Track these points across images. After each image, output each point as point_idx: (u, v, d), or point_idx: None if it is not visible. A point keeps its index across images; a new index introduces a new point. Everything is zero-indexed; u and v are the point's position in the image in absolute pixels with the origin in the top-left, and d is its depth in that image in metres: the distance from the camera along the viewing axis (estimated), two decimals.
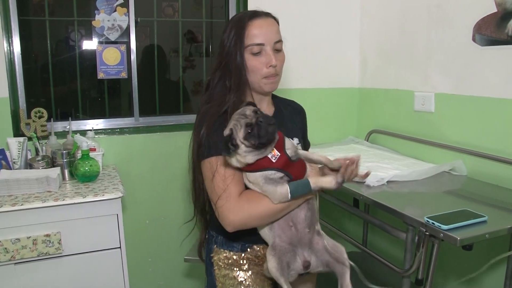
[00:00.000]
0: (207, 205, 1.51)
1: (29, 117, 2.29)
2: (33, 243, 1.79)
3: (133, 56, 2.56)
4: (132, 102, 2.62)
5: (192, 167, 1.45)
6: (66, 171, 2.12)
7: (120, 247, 1.97)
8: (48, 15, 2.51)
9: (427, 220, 1.42)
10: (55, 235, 1.82)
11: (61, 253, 1.85)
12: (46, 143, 2.23)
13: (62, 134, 2.36)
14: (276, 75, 1.43)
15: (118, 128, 2.57)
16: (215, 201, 1.30)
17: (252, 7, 2.57)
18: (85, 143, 2.10)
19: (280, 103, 1.63)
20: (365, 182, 1.87)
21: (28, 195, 1.87)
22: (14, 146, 2.10)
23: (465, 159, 2.06)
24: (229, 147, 1.17)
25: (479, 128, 2.03)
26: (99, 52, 2.50)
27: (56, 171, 2.01)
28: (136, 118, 2.63)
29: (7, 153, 2.09)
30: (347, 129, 2.96)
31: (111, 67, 2.53)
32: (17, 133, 2.29)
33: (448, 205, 1.61)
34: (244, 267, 1.48)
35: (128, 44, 2.55)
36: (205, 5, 2.83)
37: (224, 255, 1.49)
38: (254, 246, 1.48)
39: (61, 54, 2.61)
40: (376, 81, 2.76)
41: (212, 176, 1.30)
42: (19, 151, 2.11)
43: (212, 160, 1.31)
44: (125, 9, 2.50)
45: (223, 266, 1.49)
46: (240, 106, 1.29)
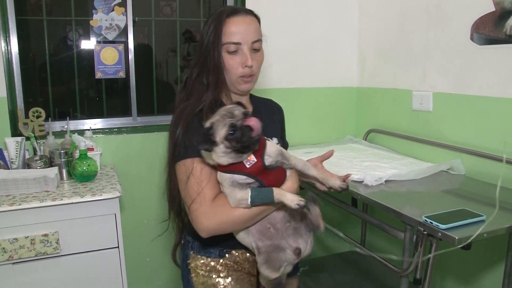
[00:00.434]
0: (183, 208, 1.46)
1: (27, 117, 2.28)
2: (31, 243, 1.79)
3: (131, 56, 2.56)
4: (130, 102, 2.61)
5: (168, 167, 1.40)
6: (64, 171, 2.11)
7: (118, 247, 1.97)
8: (46, 15, 2.50)
9: (425, 220, 1.42)
10: (53, 235, 1.82)
11: (59, 253, 1.85)
12: (44, 143, 2.23)
13: (60, 134, 2.35)
14: (252, 75, 1.39)
15: (116, 128, 2.57)
16: (189, 205, 1.26)
17: (250, 6, 2.60)
18: (83, 143, 2.10)
19: (258, 102, 1.59)
20: (363, 182, 1.87)
21: (26, 195, 1.87)
22: (12, 146, 2.10)
23: (463, 159, 2.07)
24: (206, 142, 1.13)
25: (477, 127, 2.03)
26: (97, 52, 2.49)
27: (54, 171, 2.01)
28: (134, 118, 2.63)
29: (5, 153, 2.09)
30: (345, 129, 2.96)
31: (109, 67, 2.53)
32: (15, 133, 2.29)
33: (446, 205, 1.61)
34: (223, 274, 1.42)
35: (126, 44, 2.55)
36: (203, 5, 2.83)
37: (202, 262, 1.43)
38: (233, 252, 1.43)
39: (59, 54, 2.60)
40: (374, 81, 2.77)
41: (187, 179, 1.26)
42: (17, 151, 2.11)
43: (188, 162, 1.27)
44: (123, 9, 2.50)
45: (201, 273, 1.43)
46: (220, 105, 1.25)
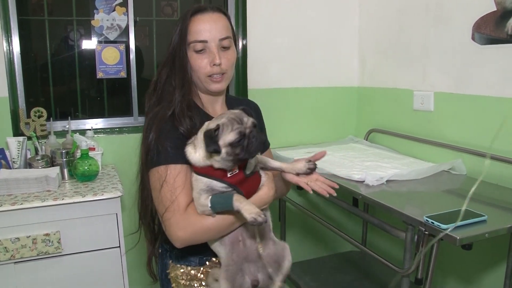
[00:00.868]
0: (157, 217, 1.40)
1: (29, 117, 2.29)
2: (33, 242, 1.79)
3: (132, 56, 2.56)
4: (131, 102, 2.62)
5: (140, 174, 1.35)
6: (66, 171, 2.11)
7: (119, 246, 1.97)
8: (47, 15, 2.51)
9: (427, 220, 1.42)
10: (55, 234, 1.82)
11: (61, 252, 1.85)
12: (46, 143, 2.23)
13: (62, 134, 2.36)
14: (223, 74, 1.34)
15: (117, 128, 2.57)
16: (162, 214, 1.22)
17: (251, 5, 2.61)
18: (84, 143, 2.10)
19: (234, 103, 1.52)
20: (364, 181, 1.87)
21: (28, 195, 1.87)
22: (14, 146, 2.11)
23: (465, 158, 2.06)
24: (210, 145, 1.09)
25: (479, 127, 2.03)
26: (98, 52, 2.50)
27: (56, 171, 2.02)
28: (135, 118, 2.63)
29: (7, 153, 2.10)
30: (346, 129, 2.96)
31: (110, 67, 2.53)
32: (17, 133, 2.29)
33: (448, 205, 1.61)
34: (205, 282, 1.37)
35: (127, 44, 2.55)
36: (204, 4, 2.83)
37: (182, 271, 1.38)
38: (213, 259, 1.38)
39: (60, 54, 2.61)
40: (375, 80, 2.77)
41: (160, 187, 1.21)
42: (19, 151, 2.11)
43: (161, 169, 1.22)
44: (124, 9, 2.50)
45: (182, 283, 1.38)
46: (194, 107, 1.24)
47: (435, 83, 2.26)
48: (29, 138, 2.22)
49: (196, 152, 1.17)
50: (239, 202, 1.11)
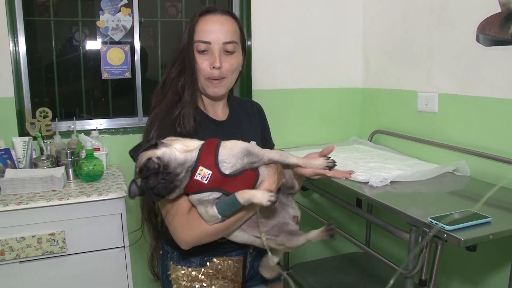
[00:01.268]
0: (159, 214, 1.40)
1: (34, 117, 2.30)
2: (38, 242, 1.80)
3: (137, 56, 2.57)
4: (136, 102, 2.63)
5: None
6: (71, 171, 2.13)
7: (124, 247, 1.98)
8: (53, 16, 2.52)
9: (431, 221, 1.42)
10: (60, 234, 1.83)
11: (66, 252, 1.86)
12: (51, 143, 2.25)
13: (67, 134, 2.37)
14: (222, 79, 1.31)
15: (122, 128, 2.58)
16: (164, 216, 1.23)
17: (256, 7, 2.61)
18: (89, 143, 2.11)
19: (236, 104, 1.51)
20: (368, 183, 1.87)
21: (33, 194, 1.88)
22: (19, 146, 2.12)
23: (469, 160, 2.06)
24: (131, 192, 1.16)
25: (483, 129, 2.02)
26: (103, 52, 2.51)
27: (61, 171, 2.03)
28: (140, 118, 2.64)
29: (12, 153, 2.11)
30: (350, 130, 2.96)
31: (115, 67, 2.54)
32: (22, 133, 2.31)
33: (452, 206, 1.61)
34: (206, 283, 1.37)
35: (132, 44, 2.56)
36: (208, 5, 2.83)
37: (183, 272, 1.38)
38: (214, 259, 1.37)
39: (66, 54, 2.62)
40: (379, 81, 2.77)
41: None
42: (24, 151, 2.12)
43: None
44: (129, 10, 2.52)
45: (183, 284, 1.37)
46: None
47: (440, 85, 2.26)
48: (35, 138, 2.23)
49: None
50: (247, 195, 1.08)
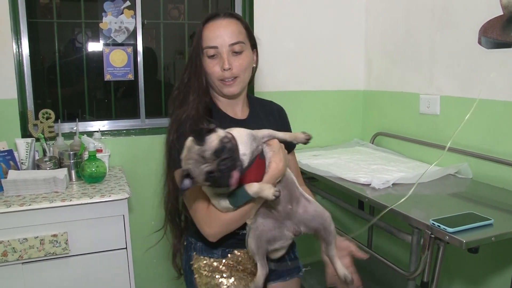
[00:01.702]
0: (183, 212, 1.50)
1: (37, 118, 2.31)
2: (41, 243, 1.80)
3: (140, 58, 2.58)
4: (139, 104, 2.63)
5: (165, 174, 1.42)
6: (73, 172, 2.13)
7: (126, 248, 1.98)
8: (56, 18, 2.53)
9: (433, 223, 1.42)
10: (62, 235, 1.84)
11: (68, 253, 1.87)
12: (54, 144, 2.25)
13: (69, 135, 2.37)
14: (235, 78, 1.37)
15: (125, 130, 2.59)
16: (190, 211, 1.30)
17: (258, 9, 2.62)
18: (92, 144, 2.12)
19: (256, 104, 1.57)
20: (371, 185, 1.87)
21: (36, 196, 1.89)
22: (22, 147, 2.12)
23: (471, 162, 2.06)
24: (183, 186, 1.08)
25: (485, 131, 2.02)
26: (106, 54, 2.52)
27: (63, 172, 2.03)
28: (142, 120, 2.65)
29: (15, 154, 2.11)
30: (352, 132, 2.97)
31: (118, 69, 2.55)
32: (25, 134, 2.31)
33: (454, 208, 1.61)
34: (226, 274, 1.42)
35: (135, 46, 2.57)
36: (211, 8, 2.85)
37: (204, 262, 1.44)
38: (235, 251, 1.43)
39: (69, 56, 2.63)
40: (381, 84, 2.77)
41: None
42: (27, 152, 2.13)
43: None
44: (132, 12, 2.52)
45: (204, 274, 1.43)
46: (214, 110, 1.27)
47: (441, 87, 2.26)
48: (37, 140, 2.24)
49: None
50: (256, 188, 1.11)
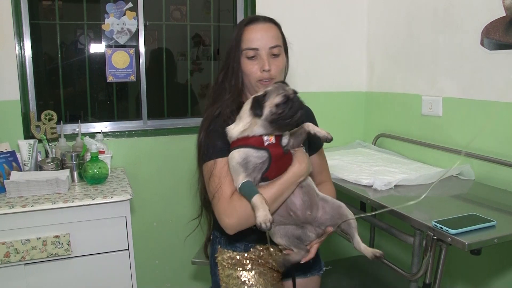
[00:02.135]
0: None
1: (39, 120, 2.31)
2: (43, 244, 1.81)
3: (142, 60, 2.58)
4: (141, 105, 2.64)
5: (198, 164, 1.47)
6: (75, 173, 2.13)
7: (128, 249, 1.98)
8: (58, 19, 2.54)
9: (435, 224, 1.42)
10: (64, 237, 1.84)
11: (70, 254, 1.87)
12: (56, 145, 2.26)
13: (72, 137, 2.38)
14: (271, 79, 1.42)
15: (127, 131, 2.59)
16: (211, 200, 1.36)
17: (260, 11, 2.60)
18: (94, 146, 2.12)
19: None
20: (373, 186, 1.87)
21: (38, 197, 1.89)
22: (25, 148, 2.13)
23: (473, 164, 2.06)
24: (257, 107, 1.22)
25: (487, 132, 2.02)
26: (108, 56, 2.52)
27: (66, 173, 2.03)
28: (145, 121, 2.65)
29: (18, 155, 2.11)
30: (354, 133, 2.96)
31: (120, 70, 2.55)
32: (27, 135, 2.32)
33: (456, 210, 1.61)
34: (247, 267, 1.49)
35: (137, 48, 2.58)
36: (213, 9, 2.85)
37: (228, 255, 1.51)
38: (257, 246, 1.50)
39: (71, 57, 2.64)
40: (383, 85, 2.77)
41: (208, 179, 1.35)
42: (29, 153, 2.13)
43: (210, 164, 1.35)
44: (134, 13, 2.53)
45: (227, 266, 1.51)
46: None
47: (444, 88, 2.25)
48: (40, 141, 2.24)
49: (237, 126, 1.28)
50: (256, 202, 1.19)
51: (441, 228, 1.39)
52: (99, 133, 2.38)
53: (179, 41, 2.96)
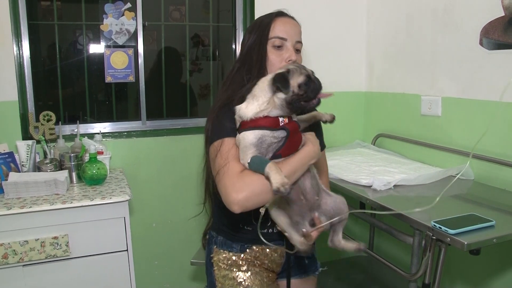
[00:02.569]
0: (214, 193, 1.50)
1: (38, 120, 2.31)
2: (41, 246, 1.80)
3: (141, 60, 2.58)
4: (140, 106, 2.63)
5: (205, 151, 1.44)
6: (74, 174, 2.13)
7: (127, 250, 1.98)
8: (57, 20, 2.53)
9: (434, 225, 1.42)
10: (63, 238, 1.83)
11: (69, 256, 1.86)
12: (54, 146, 2.25)
13: (70, 137, 2.38)
14: None
15: (126, 132, 2.59)
16: (215, 176, 1.28)
17: (259, 11, 2.62)
18: (93, 146, 2.12)
19: None
20: (372, 186, 1.87)
21: (37, 198, 1.89)
22: (23, 149, 2.12)
23: (472, 163, 2.06)
24: (284, 84, 1.20)
25: (486, 133, 2.01)
26: (107, 56, 2.52)
27: (64, 174, 2.03)
28: (143, 122, 2.65)
29: (16, 156, 2.11)
30: (354, 133, 2.96)
31: (119, 71, 2.55)
32: (26, 136, 2.31)
33: (455, 210, 1.60)
34: (243, 268, 1.49)
35: (136, 48, 2.57)
36: (212, 9, 2.85)
37: (224, 256, 1.51)
38: (253, 247, 1.49)
39: (69, 58, 2.63)
40: (383, 85, 2.76)
41: (215, 156, 1.29)
42: (28, 154, 2.13)
43: (216, 143, 1.30)
44: (133, 13, 2.52)
45: (223, 267, 1.50)
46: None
47: (443, 88, 2.25)
48: (38, 142, 2.24)
49: (251, 105, 1.24)
50: (270, 169, 1.15)
51: (440, 228, 1.39)
52: (98, 134, 2.37)
53: (178, 42, 2.96)
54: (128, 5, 2.51)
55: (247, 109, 1.24)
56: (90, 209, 1.88)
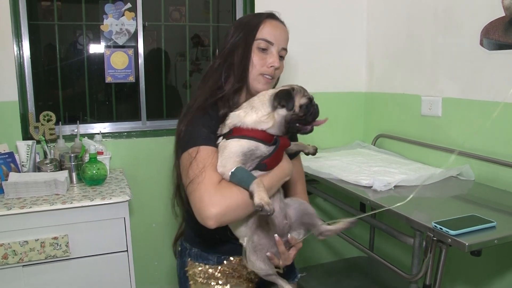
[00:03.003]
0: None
1: (38, 121, 2.31)
2: (41, 246, 1.80)
3: (141, 60, 2.58)
4: (140, 106, 2.63)
5: (175, 162, 1.38)
6: (74, 174, 2.13)
7: (127, 250, 1.98)
8: (57, 20, 2.53)
9: (435, 225, 1.41)
10: (63, 238, 1.83)
11: (69, 256, 1.86)
12: (54, 146, 2.25)
13: (70, 138, 2.37)
14: (272, 78, 1.40)
15: (126, 132, 2.59)
16: (187, 185, 1.21)
17: (259, 10, 2.61)
18: (93, 147, 2.11)
19: None
20: (372, 187, 1.87)
21: (37, 198, 1.88)
22: (23, 149, 2.12)
23: (473, 164, 2.05)
24: (289, 101, 1.20)
25: (487, 133, 2.02)
26: (107, 56, 2.52)
27: (64, 174, 2.03)
28: (143, 122, 2.64)
29: (16, 156, 2.11)
30: (354, 134, 2.96)
31: (119, 71, 2.55)
32: (26, 136, 2.31)
33: (456, 210, 1.60)
34: (222, 281, 1.43)
35: (136, 48, 2.57)
36: (212, 9, 2.85)
37: (200, 269, 1.44)
38: (231, 258, 1.44)
39: (70, 58, 2.63)
40: (383, 86, 2.76)
41: (189, 165, 1.21)
42: (28, 154, 2.13)
43: (191, 150, 1.23)
44: (133, 14, 2.52)
45: (199, 281, 1.43)
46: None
47: (443, 89, 2.25)
48: (38, 142, 2.23)
49: (249, 115, 1.22)
50: (257, 186, 1.11)
51: (441, 229, 1.39)
52: (98, 134, 2.37)
53: (178, 42, 2.96)
54: (128, 6, 2.51)
55: (246, 118, 1.22)
56: (90, 210, 1.87)
